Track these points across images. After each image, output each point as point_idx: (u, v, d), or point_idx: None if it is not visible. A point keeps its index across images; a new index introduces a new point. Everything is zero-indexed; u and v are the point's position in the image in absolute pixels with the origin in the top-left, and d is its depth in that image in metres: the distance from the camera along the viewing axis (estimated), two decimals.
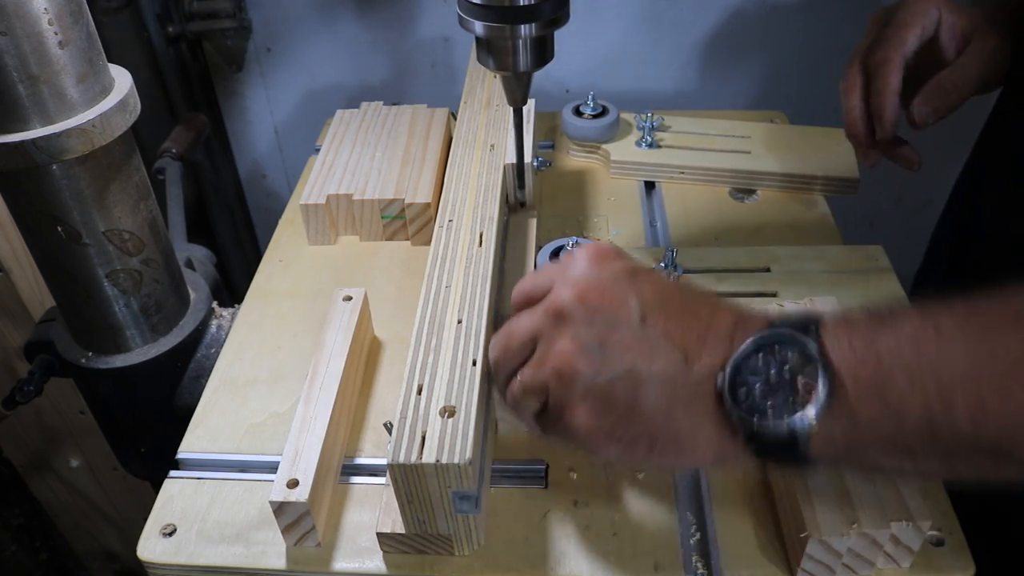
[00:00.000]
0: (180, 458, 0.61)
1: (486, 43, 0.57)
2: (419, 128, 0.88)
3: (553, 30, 0.56)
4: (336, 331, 0.63)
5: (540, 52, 0.57)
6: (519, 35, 0.55)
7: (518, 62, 0.57)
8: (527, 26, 0.54)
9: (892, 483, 0.49)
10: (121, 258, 0.67)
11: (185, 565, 0.54)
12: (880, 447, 0.37)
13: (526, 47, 0.56)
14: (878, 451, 0.38)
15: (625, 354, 0.42)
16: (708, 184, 0.86)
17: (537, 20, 0.54)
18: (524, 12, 0.53)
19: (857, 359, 0.37)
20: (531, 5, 0.53)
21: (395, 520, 0.51)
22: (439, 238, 0.62)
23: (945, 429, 0.35)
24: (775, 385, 0.39)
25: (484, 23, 0.54)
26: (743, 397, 0.39)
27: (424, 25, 1.25)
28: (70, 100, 0.58)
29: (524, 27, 0.54)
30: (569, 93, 1.23)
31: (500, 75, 0.60)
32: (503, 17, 0.54)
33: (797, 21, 1.20)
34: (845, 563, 0.49)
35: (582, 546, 0.53)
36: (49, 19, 0.55)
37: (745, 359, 0.40)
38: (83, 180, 0.61)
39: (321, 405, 0.57)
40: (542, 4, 0.53)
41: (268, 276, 0.78)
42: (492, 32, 0.54)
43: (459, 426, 0.48)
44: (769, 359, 0.39)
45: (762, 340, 0.40)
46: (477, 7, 0.53)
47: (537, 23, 0.54)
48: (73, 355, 0.73)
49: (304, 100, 1.36)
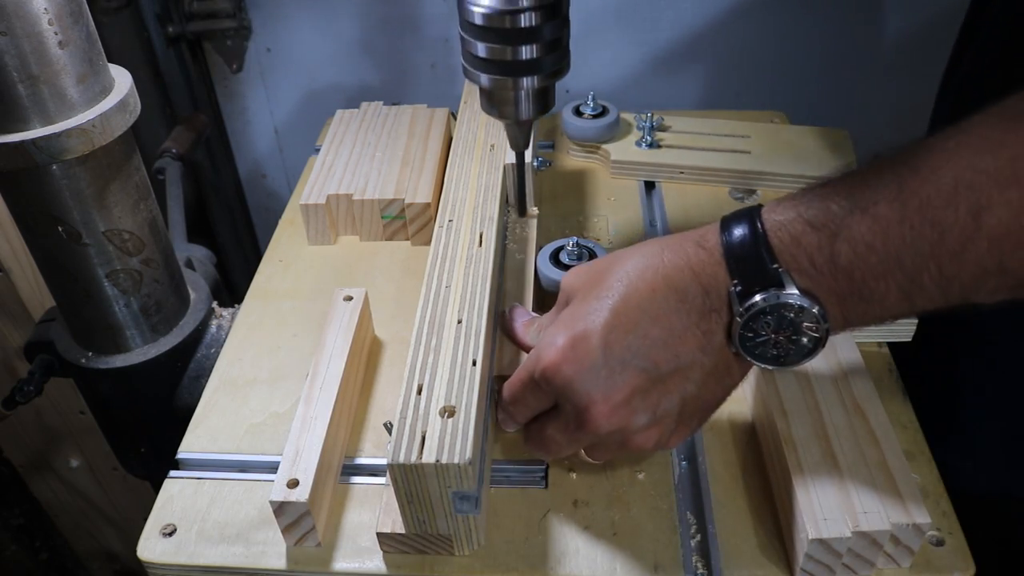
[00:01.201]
0: (180, 458, 0.61)
1: (489, 93, 0.58)
2: (419, 128, 0.88)
3: (555, 81, 0.57)
4: (336, 331, 0.63)
5: (542, 101, 0.59)
6: (521, 87, 0.56)
7: (520, 111, 0.59)
8: (529, 78, 0.55)
9: (892, 483, 0.49)
10: (121, 258, 0.67)
11: (185, 565, 0.54)
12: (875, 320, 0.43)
13: (528, 98, 0.58)
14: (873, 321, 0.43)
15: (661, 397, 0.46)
16: (708, 184, 0.86)
17: (539, 73, 0.55)
18: (527, 66, 0.54)
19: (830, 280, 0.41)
20: (533, 59, 0.54)
21: (395, 520, 0.51)
22: (439, 238, 0.62)
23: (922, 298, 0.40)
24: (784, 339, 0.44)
25: (488, 76, 0.55)
26: (759, 353, 0.45)
27: (424, 25, 1.25)
28: (70, 100, 0.58)
29: (527, 79, 0.55)
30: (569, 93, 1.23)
31: (503, 122, 0.61)
32: (506, 70, 0.55)
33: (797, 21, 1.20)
34: (845, 563, 0.49)
35: (582, 546, 0.53)
36: (49, 19, 0.55)
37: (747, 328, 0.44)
38: (83, 180, 0.61)
39: (321, 405, 0.57)
40: (544, 58, 0.54)
41: (268, 276, 0.78)
42: (495, 84, 0.56)
43: (459, 426, 0.48)
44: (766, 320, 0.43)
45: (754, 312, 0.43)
46: (481, 60, 0.54)
47: (539, 76, 0.55)
48: (73, 355, 0.73)
49: (304, 100, 1.36)
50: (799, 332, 0.43)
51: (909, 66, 1.23)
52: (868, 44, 1.22)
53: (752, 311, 0.43)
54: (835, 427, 0.53)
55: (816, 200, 0.42)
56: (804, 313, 0.42)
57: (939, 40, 1.20)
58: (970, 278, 0.38)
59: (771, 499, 0.54)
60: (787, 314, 0.42)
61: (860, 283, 0.41)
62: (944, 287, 0.39)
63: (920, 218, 0.38)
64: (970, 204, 0.37)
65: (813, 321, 0.42)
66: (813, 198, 0.42)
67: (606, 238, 0.79)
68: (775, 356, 0.45)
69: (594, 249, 0.69)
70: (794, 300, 0.42)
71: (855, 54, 1.23)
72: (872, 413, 0.54)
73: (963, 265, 0.38)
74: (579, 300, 0.48)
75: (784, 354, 0.45)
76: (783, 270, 0.42)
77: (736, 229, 0.44)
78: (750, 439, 0.59)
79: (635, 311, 0.45)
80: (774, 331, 0.43)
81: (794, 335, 0.43)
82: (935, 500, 0.54)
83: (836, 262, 0.41)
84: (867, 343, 0.65)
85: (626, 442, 0.47)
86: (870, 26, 1.21)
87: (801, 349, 0.44)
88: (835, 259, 0.41)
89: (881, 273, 0.40)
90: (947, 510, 0.54)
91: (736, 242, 0.43)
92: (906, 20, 1.20)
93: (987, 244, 0.37)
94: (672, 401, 0.46)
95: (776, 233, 0.42)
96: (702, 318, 0.44)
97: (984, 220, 0.37)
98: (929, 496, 0.54)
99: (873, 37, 1.22)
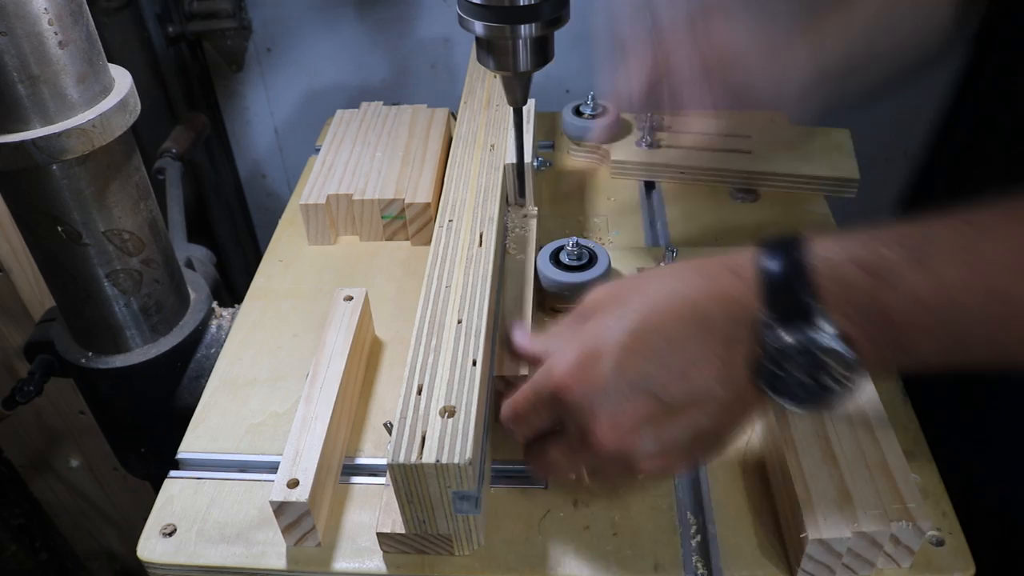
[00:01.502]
0: (180, 458, 0.61)
1: (486, 43, 0.57)
2: (419, 128, 0.88)
3: (553, 30, 0.56)
4: (337, 331, 0.63)
5: (540, 52, 0.57)
6: (519, 35, 0.55)
7: (518, 62, 0.57)
8: (527, 26, 0.54)
9: (892, 483, 0.49)
10: (121, 258, 0.67)
11: (185, 565, 0.54)
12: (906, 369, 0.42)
13: (526, 47, 0.56)
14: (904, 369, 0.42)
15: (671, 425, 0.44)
16: (708, 184, 0.86)
17: (537, 20, 0.54)
18: (524, 12, 0.53)
19: (872, 327, 0.39)
20: (531, 5, 0.53)
21: (395, 520, 0.51)
22: (439, 238, 0.62)
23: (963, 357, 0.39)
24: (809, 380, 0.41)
25: (484, 23, 0.54)
26: (781, 390, 0.42)
27: (424, 25, 1.25)
28: (70, 100, 0.58)
29: (524, 27, 0.54)
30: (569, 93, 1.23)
31: (500, 75, 0.60)
32: (503, 17, 0.53)
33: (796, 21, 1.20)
34: (845, 563, 0.49)
35: (582, 546, 0.53)
36: (49, 19, 0.55)
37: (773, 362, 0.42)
38: (83, 180, 0.61)
39: (322, 405, 0.57)
40: (542, 4, 0.53)
41: (268, 276, 0.78)
42: (492, 32, 0.54)
43: (459, 426, 0.48)
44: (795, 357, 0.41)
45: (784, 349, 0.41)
46: (477, 7, 0.53)
47: (537, 23, 0.54)
48: (73, 355, 0.73)
49: (304, 100, 1.36)
50: (830, 376, 0.41)
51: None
52: None
53: (782, 347, 0.40)
54: (835, 427, 0.53)
55: (868, 243, 0.40)
56: (836, 356, 0.40)
57: None
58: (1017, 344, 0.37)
59: (771, 499, 0.54)
60: (818, 354, 0.40)
61: (903, 335, 0.39)
62: (991, 353, 0.37)
63: (985, 286, 0.36)
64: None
65: (844, 366, 0.40)
66: (863, 241, 0.40)
67: (606, 238, 0.79)
68: (797, 395, 0.42)
69: (594, 249, 0.69)
70: (828, 343, 0.39)
71: None
72: (872, 413, 0.54)
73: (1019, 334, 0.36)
74: (598, 317, 0.46)
75: (808, 395, 0.42)
76: (824, 310, 0.39)
77: (775, 257, 0.41)
78: (750, 439, 0.59)
79: (655, 336, 0.43)
80: (801, 370, 0.41)
81: (821, 377, 0.41)
82: (935, 500, 0.54)
83: (882, 310, 0.38)
84: None
85: (629, 468, 0.45)
86: None
87: (825, 391, 0.42)
88: (881, 307, 0.38)
89: (927, 330, 0.38)
90: (947, 510, 0.54)
91: (773, 271, 0.41)
92: None
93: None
94: (683, 433, 0.44)
95: (822, 271, 0.40)
96: (725, 348, 0.42)
97: None
98: (929, 496, 0.54)
99: None
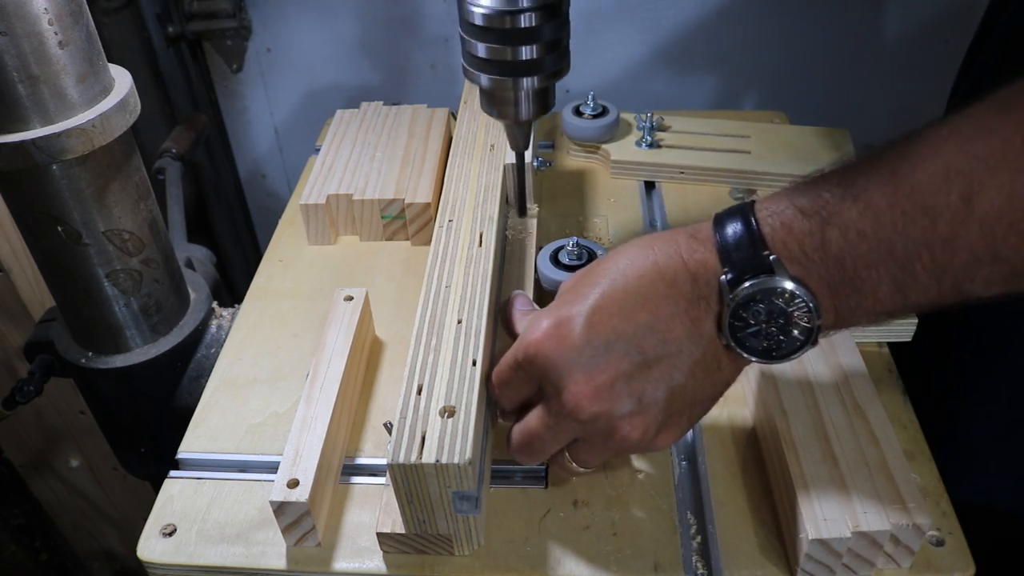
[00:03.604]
0: (180, 458, 0.61)
1: (489, 93, 0.58)
2: (419, 128, 0.88)
3: (555, 81, 0.57)
4: (337, 331, 0.63)
5: (542, 102, 0.59)
6: (521, 87, 0.56)
7: (520, 111, 0.58)
8: (529, 79, 0.55)
9: (892, 483, 0.49)
10: (121, 258, 0.67)
11: (185, 565, 0.54)
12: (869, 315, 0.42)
13: (528, 98, 0.58)
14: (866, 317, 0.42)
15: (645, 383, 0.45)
16: (708, 184, 0.86)
17: (539, 73, 0.55)
18: (527, 66, 0.54)
19: (822, 268, 0.41)
20: (534, 59, 0.54)
21: (395, 520, 0.51)
22: (439, 238, 0.62)
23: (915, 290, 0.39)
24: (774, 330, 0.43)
25: (488, 76, 0.55)
26: (749, 345, 0.44)
27: (424, 25, 1.25)
28: (70, 100, 0.58)
29: (527, 80, 0.55)
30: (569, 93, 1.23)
31: (503, 123, 0.61)
32: (506, 71, 0.55)
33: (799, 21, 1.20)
34: (845, 563, 0.49)
35: (582, 546, 0.53)
36: (49, 19, 0.55)
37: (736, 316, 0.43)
38: (83, 180, 0.61)
39: (322, 405, 0.57)
40: (544, 58, 0.54)
41: (268, 276, 0.78)
42: (495, 84, 0.56)
43: (459, 426, 0.48)
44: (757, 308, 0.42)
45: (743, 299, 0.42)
46: (481, 60, 0.54)
47: (539, 76, 0.55)
48: (73, 355, 0.73)
49: (304, 100, 1.36)
50: (790, 323, 0.42)
51: (910, 65, 1.23)
52: (869, 44, 1.22)
53: (742, 298, 0.42)
54: (835, 427, 0.53)
55: (808, 189, 0.41)
56: (795, 301, 0.41)
57: (940, 39, 1.20)
58: (963, 266, 0.38)
59: (771, 499, 0.54)
60: (778, 302, 0.42)
61: (852, 272, 0.40)
62: (937, 277, 0.38)
63: (911, 204, 0.38)
64: (961, 189, 0.36)
65: (804, 311, 0.41)
66: (805, 188, 0.42)
67: (606, 238, 0.79)
68: (766, 349, 0.44)
69: (594, 249, 0.69)
70: (785, 286, 0.41)
71: (856, 53, 1.23)
72: (872, 413, 0.54)
73: (955, 252, 0.37)
74: (569, 291, 0.47)
75: (775, 347, 0.43)
76: (774, 257, 0.41)
77: (729, 220, 0.43)
78: (750, 439, 0.59)
79: (621, 294, 0.44)
80: (765, 320, 0.42)
81: (785, 326, 0.42)
82: (935, 500, 0.54)
83: (827, 249, 0.40)
84: (867, 343, 0.65)
85: (611, 431, 0.45)
86: (871, 25, 1.21)
87: (792, 342, 0.43)
88: (826, 246, 0.40)
89: (873, 261, 0.39)
90: (947, 510, 0.54)
91: (728, 232, 0.43)
92: (907, 20, 1.20)
93: (979, 229, 0.36)
94: (659, 390, 0.44)
95: (767, 221, 0.42)
96: (691, 305, 0.43)
97: (975, 205, 0.36)
98: (929, 496, 0.54)
99: (874, 37, 1.22)
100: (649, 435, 0.46)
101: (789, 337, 0.43)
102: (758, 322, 0.42)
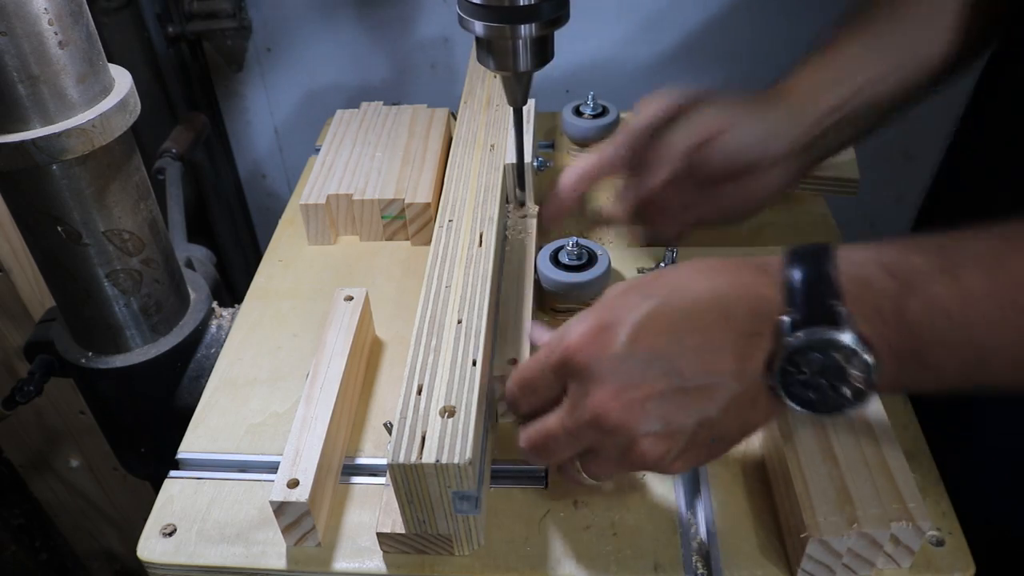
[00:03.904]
0: (180, 458, 0.61)
1: (486, 43, 0.57)
2: (419, 128, 0.88)
3: (553, 30, 0.56)
4: (337, 331, 0.63)
5: (540, 52, 0.57)
6: (519, 35, 0.54)
7: (518, 62, 0.57)
8: (527, 26, 0.54)
9: (892, 483, 0.49)
10: (121, 258, 0.67)
11: (185, 565, 0.54)
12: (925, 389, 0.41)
13: (526, 47, 0.56)
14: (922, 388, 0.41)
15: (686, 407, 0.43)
16: None
17: (537, 20, 0.54)
18: (524, 12, 0.53)
19: (893, 334, 0.39)
20: (531, 5, 0.53)
21: (395, 520, 0.51)
22: (439, 238, 0.62)
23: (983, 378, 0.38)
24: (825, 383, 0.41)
25: (484, 23, 0.54)
26: (795, 392, 0.42)
27: (424, 25, 1.25)
28: (70, 100, 0.58)
29: (524, 27, 0.54)
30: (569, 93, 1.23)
31: (500, 75, 0.60)
32: (503, 17, 0.53)
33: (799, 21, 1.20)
34: (845, 563, 0.49)
35: (582, 546, 0.53)
36: (49, 19, 0.55)
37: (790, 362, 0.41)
38: (83, 180, 0.61)
39: (322, 405, 0.57)
40: (542, 4, 0.53)
41: (268, 276, 0.78)
42: (492, 32, 0.54)
43: (459, 426, 0.48)
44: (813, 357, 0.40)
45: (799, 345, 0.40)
46: (477, 7, 0.53)
47: (537, 23, 0.54)
48: (73, 355, 0.73)
49: (304, 100, 1.36)
50: (843, 380, 0.40)
51: None
52: None
53: (799, 344, 0.40)
54: (835, 427, 0.53)
55: (898, 249, 0.39)
56: (854, 360, 0.39)
57: None
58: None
59: (771, 499, 0.54)
60: (836, 356, 0.39)
61: (924, 346, 0.38)
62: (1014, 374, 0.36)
63: (1010, 300, 0.36)
64: None
65: (862, 371, 0.39)
66: (895, 246, 0.40)
67: (606, 238, 0.79)
68: (810, 400, 0.41)
69: (594, 249, 0.69)
70: (848, 343, 0.39)
71: None
72: (872, 413, 0.54)
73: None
74: (618, 297, 0.45)
75: (821, 400, 0.41)
76: (844, 309, 0.39)
77: (802, 259, 0.41)
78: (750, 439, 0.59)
79: (675, 315, 0.42)
80: (817, 372, 0.40)
81: (837, 382, 0.40)
82: (935, 500, 0.54)
83: (903, 316, 0.38)
84: None
85: (630, 447, 0.44)
86: None
87: (840, 399, 0.41)
88: (903, 313, 0.38)
89: (949, 342, 0.37)
90: (947, 510, 0.54)
91: (798, 271, 0.41)
92: None
93: None
94: (690, 418, 0.43)
95: (847, 271, 0.40)
96: (743, 340, 0.42)
97: None
98: (929, 496, 0.54)
99: None
100: (667, 460, 0.44)
101: (838, 393, 0.41)
102: (810, 372, 0.40)
